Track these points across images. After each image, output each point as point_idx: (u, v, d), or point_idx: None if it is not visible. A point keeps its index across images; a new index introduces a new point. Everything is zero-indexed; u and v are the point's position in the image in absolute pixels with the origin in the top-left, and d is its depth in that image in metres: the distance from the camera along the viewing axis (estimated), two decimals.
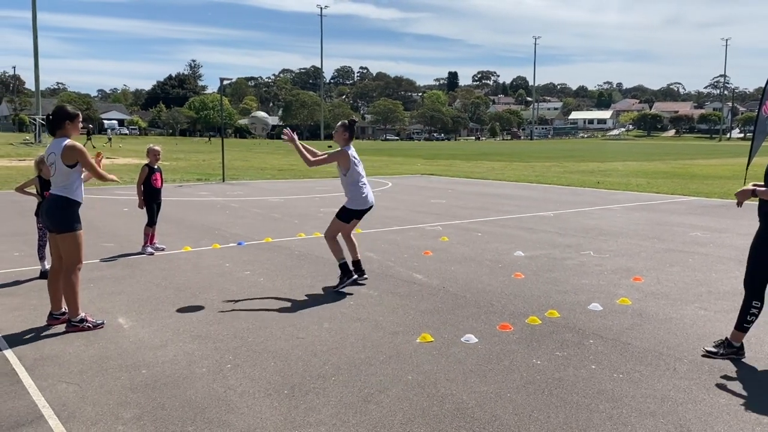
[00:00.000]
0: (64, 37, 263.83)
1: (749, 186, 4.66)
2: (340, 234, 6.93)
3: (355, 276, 6.87)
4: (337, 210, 6.91)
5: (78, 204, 5.37)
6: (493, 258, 8.43)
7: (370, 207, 6.97)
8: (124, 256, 8.44)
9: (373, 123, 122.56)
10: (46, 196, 7.01)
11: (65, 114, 5.35)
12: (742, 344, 4.77)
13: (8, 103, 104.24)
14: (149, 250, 8.67)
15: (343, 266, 6.78)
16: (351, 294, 6.55)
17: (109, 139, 53.79)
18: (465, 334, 5.21)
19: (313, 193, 17.39)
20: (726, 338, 4.83)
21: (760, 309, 4.71)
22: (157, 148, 8.95)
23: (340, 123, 6.96)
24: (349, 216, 6.85)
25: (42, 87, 54.75)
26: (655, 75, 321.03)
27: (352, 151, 6.85)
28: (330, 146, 61.66)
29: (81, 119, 5.45)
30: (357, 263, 6.97)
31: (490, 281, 7.12)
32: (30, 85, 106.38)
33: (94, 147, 44.94)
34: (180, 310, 5.92)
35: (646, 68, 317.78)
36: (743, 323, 4.74)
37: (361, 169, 6.91)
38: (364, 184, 6.90)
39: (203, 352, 4.81)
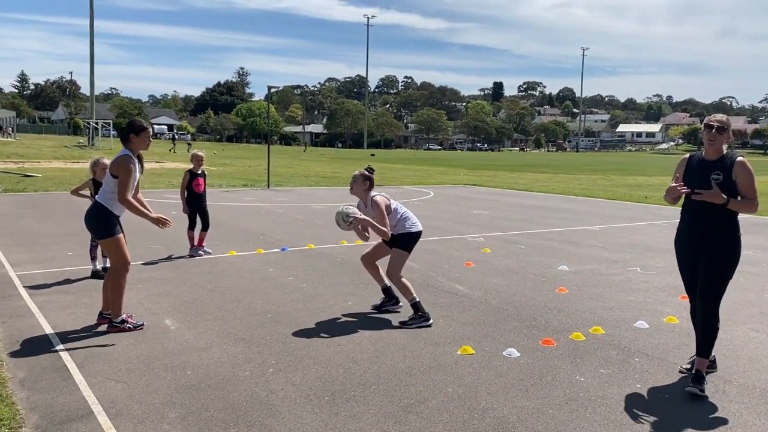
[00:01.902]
0: (117, 43, 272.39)
1: (710, 192, 4.23)
2: (376, 261, 6.22)
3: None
4: (395, 242, 6.00)
5: (115, 216, 5.46)
6: (536, 271, 8.33)
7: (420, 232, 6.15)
8: (172, 258, 8.64)
9: (416, 132, 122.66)
10: None
11: (130, 127, 5.52)
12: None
13: (64, 107, 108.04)
14: (200, 252, 8.87)
15: (418, 305, 5.84)
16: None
17: (189, 144, 55.16)
18: (507, 348, 5.16)
19: (355, 200, 17.47)
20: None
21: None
22: (200, 153, 9.19)
23: (358, 173, 6.07)
24: (411, 243, 6.04)
25: (96, 92, 56.56)
26: (706, 88, 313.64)
27: (381, 195, 6.05)
28: (373, 154, 61.91)
29: (149, 134, 5.56)
30: (389, 289, 6.32)
31: (533, 295, 7.05)
32: (85, 89, 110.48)
33: (175, 153, 46.51)
34: (224, 314, 6.03)
35: (697, 81, 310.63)
36: (709, 348, 4.48)
37: (396, 204, 6.08)
38: (407, 210, 6.13)
39: (246, 356, 4.89)
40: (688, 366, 4.76)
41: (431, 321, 5.83)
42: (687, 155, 4.68)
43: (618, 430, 3.78)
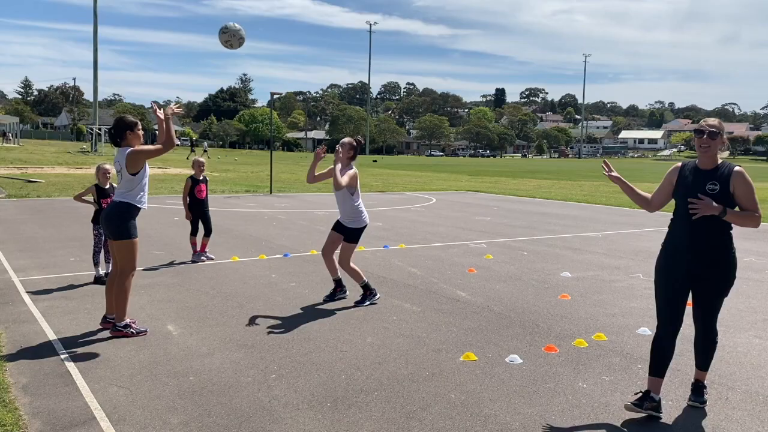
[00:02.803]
0: (121, 49, 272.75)
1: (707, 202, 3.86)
2: (334, 253, 6.80)
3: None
4: (345, 235, 6.72)
5: (138, 210, 5.52)
6: (538, 278, 8.33)
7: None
8: (174, 264, 8.65)
9: (418, 138, 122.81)
10: (102, 204, 7.29)
11: (124, 124, 5.53)
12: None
13: (68, 113, 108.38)
14: (203, 257, 8.90)
15: (368, 285, 6.77)
16: (394, 309, 6.56)
17: (205, 150, 55.17)
18: (509, 355, 5.16)
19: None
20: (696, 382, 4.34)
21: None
22: (201, 159, 9.25)
23: (347, 140, 6.69)
24: (360, 236, 6.81)
25: (99, 98, 56.84)
26: (708, 95, 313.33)
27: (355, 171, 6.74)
28: (375, 161, 62.13)
29: (140, 128, 5.61)
30: (339, 280, 6.95)
31: (535, 301, 7.04)
32: (88, 95, 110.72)
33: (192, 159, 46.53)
34: (227, 319, 6.04)
35: (699, 88, 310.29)
36: (710, 361, 4.31)
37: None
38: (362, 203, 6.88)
39: (249, 362, 4.89)
40: (636, 400, 4.10)
41: (378, 295, 6.83)
42: (679, 164, 4.27)
43: None
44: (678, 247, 4.09)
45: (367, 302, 6.70)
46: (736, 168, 3.97)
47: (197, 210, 9.05)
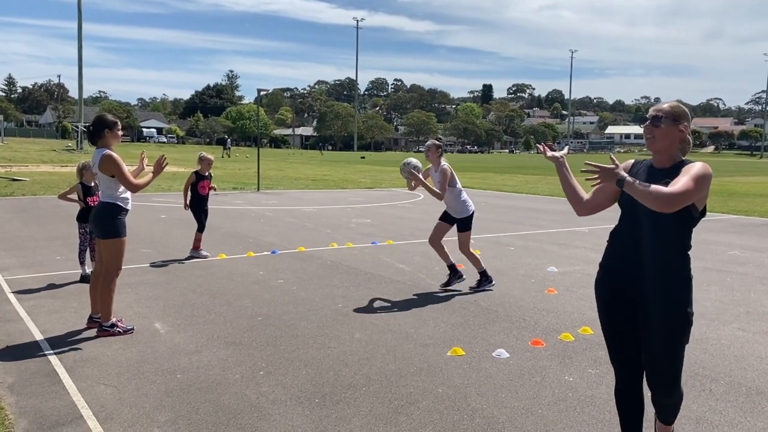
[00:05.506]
0: (106, 46, 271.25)
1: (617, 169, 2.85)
2: (442, 240, 7.48)
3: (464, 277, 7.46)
4: (458, 226, 7.35)
5: (124, 211, 5.49)
6: (525, 273, 8.38)
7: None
8: (161, 262, 8.61)
9: (406, 135, 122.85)
10: (88, 202, 7.24)
11: (103, 123, 5.46)
12: None
13: (52, 110, 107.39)
14: (203, 253, 8.91)
15: (485, 272, 7.38)
16: (382, 305, 6.59)
17: (229, 149, 54.89)
18: (496, 349, 5.19)
19: (345, 203, 17.51)
20: None
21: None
22: (210, 157, 9.22)
23: (431, 143, 7.29)
24: (471, 223, 7.41)
25: (85, 95, 56.25)
26: (694, 90, 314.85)
27: (449, 166, 7.27)
28: (363, 157, 62.11)
29: (120, 127, 5.57)
30: (453, 266, 7.43)
31: (522, 296, 7.09)
32: (73, 93, 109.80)
33: (228, 156, 46.98)
34: (214, 317, 6.03)
35: (684, 83, 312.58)
36: (675, 415, 3.27)
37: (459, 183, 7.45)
38: (465, 192, 7.52)
39: (237, 359, 4.89)
40: None
41: (494, 283, 7.39)
42: (631, 160, 3.24)
43: (606, 429, 3.81)
44: (615, 266, 3.13)
45: (482, 288, 7.27)
46: (698, 162, 2.97)
47: (199, 206, 9.08)
